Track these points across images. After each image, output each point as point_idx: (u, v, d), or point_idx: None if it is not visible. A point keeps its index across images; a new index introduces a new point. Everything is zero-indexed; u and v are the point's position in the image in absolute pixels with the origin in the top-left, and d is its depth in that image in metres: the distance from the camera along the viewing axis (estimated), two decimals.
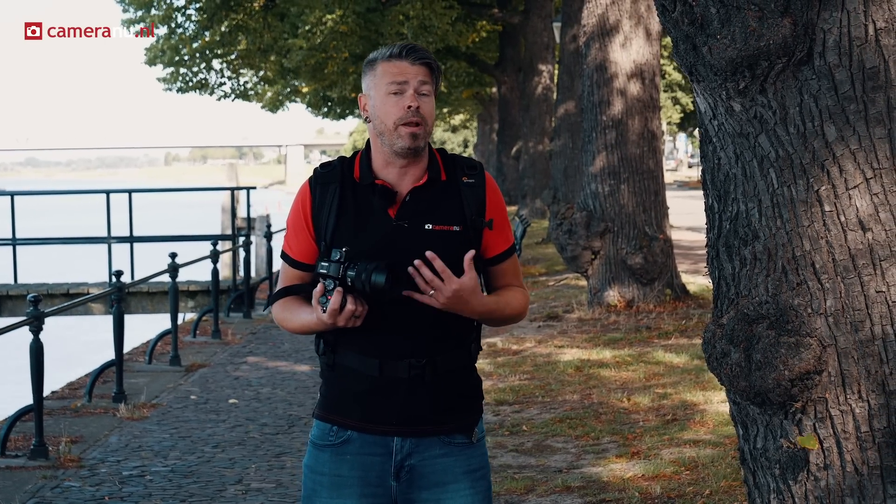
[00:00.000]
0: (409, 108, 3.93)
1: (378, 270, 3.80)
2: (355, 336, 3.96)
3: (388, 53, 4.00)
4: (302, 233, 4.07)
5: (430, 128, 3.98)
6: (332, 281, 3.85)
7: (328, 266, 3.86)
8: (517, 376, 12.04)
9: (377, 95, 3.99)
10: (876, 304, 3.73)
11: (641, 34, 15.82)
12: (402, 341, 3.96)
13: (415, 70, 3.97)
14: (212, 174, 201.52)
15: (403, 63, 3.97)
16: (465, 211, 4.02)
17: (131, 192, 21.08)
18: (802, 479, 3.89)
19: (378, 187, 3.99)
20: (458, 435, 4.07)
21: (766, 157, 3.85)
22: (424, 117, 3.96)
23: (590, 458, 8.82)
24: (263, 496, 8.34)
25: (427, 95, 3.98)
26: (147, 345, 15.50)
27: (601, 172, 15.89)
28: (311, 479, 4.12)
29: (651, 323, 14.73)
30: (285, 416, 10.95)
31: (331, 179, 4.05)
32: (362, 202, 4.01)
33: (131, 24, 33.33)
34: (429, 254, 3.81)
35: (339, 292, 3.82)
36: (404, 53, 3.98)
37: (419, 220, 3.98)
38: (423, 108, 3.96)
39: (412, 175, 4.02)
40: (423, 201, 4.00)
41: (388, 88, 3.96)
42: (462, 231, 4.00)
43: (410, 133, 3.94)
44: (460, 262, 3.90)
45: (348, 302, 3.84)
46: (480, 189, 4.05)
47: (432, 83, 4.01)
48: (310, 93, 40.74)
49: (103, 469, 9.10)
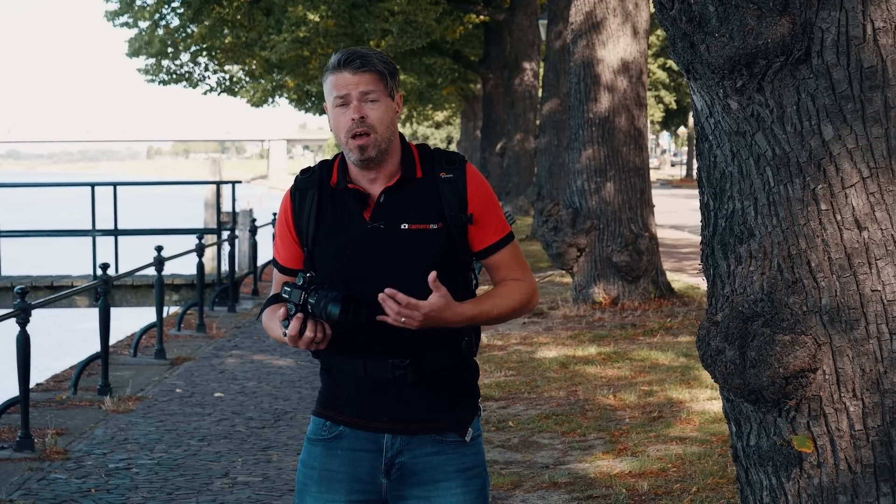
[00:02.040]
0: (352, 121, 3.89)
1: (334, 301, 3.78)
2: (340, 337, 3.94)
3: (331, 65, 3.95)
4: (287, 239, 4.09)
5: (382, 133, 3.91)
6: (294, 306, 3.84)
7: (290, 292, 3.86)
8: (502, 372, 12.05)
9: (329, 108, 3.98)
10: (871, 303, 3.75)
11: (629, 31, 15.84)
12: (385, 341, 3.93)
13: (356, 80, 3.90)
14: (194, 168, 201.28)
15: (344, 74, 3.91)
16: (444, 207, 3.96)
17: (116, 185, 21.05)
18: (796, 476, 3.90)
19: (350, 191, 3.98)
20: (450, 433, 4.04)
21: (762, 156, 3.86)
22: (373, 125, 3.90)
23: (576, 454, 8.84)
24: (250, 489, 8.34)
25: (376, 101, 3.91)
26: (132, 338, 15.48)
27: (587, 169, 15.91)
28: (303, 472, 4.10)
29: (636, 320, 14.76)
30: (271, 409, 10.95)
31: (309, 185, 4.05)
32: (339, 207, 4.00)
33: (116, 17, 33.27)
34: (388, 291, 3.75)
35: (297, 319, 3.81)
36: (343, 64, 3.91)
37: (395, 221, 3.94)
38: (371, 116, 3.90)
39: (383, 176, 3.99)
40: (397, 201, 3.97)
41: (334, 102, 3.94)
42: (442, 228, 3.95)
43: (358, 146, 3.89)
44: (444, 261, 3.91)
45: (308, 329, 3.82)
46: (460, 183, 3.99)
47: (381, 87, 3.93)
48: (293, 87, 40.70)
49: (89, 461, 9.09)
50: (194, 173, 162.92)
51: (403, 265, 3.91)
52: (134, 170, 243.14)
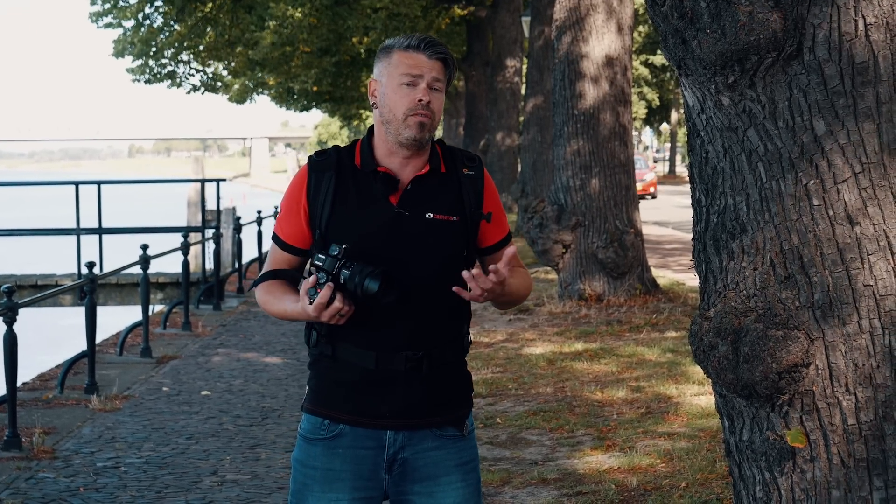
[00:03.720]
0: (419, 102, 3.93)
1: (373, 276, 3.79)
2: (350, 328, 3.94)
3: (406, 44, 3.97)
4: (296, 216, 4.05)
5: (436, 122, 3.97)
6: (326, 275, 3.82)
7: (324, 260, 3.84)
8: (489, 369, 12.06)
9: (389, 84, 3.97)
10: (863, 298, 3.76)
11: (613, 27, 15.85)
12: (399, 333, 3.96)
13: (430, 64, 3.95)
14: (176, 166, 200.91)
15: (420, 56, 3.95)
16: (465, 202, 4.04)
17: (100, 183, 21.00)
18: (789, 471, 3.91)
19: (381, 174, 3.98)
20: (449, 428, 4.07)
21: (754, 151, 3.87)
22: (434, 112, 3.95)
23: (565, 450, 8.84)
24: (239, 487, 8.33)
25: (439, 91, 3.98)
26: (117, 336, 15.45)
27: (572, 166, 15.91)
28: (301, 472, 4.08)
29: (622, 317, 14.78)
30: (258, 408, 10.94)
31: (326, 167, 4.03)
32: (363, 189, 4.00)
33: (99, 17, 33.18)
34: (465, 274, 3.83)
35: (329, 287, 3.80)
36: (423, 46, 3.96)
37: (420, 209, 3.98)
38: (434, 104, 3.95)
39: (414, 165, 4.02)
40: (424, 191, 4.01)
41: (401, 79, 3.95)
42: (459, 221, 4.02)
43: (418, 122, 3.93)
44: (458, 253, 3.99)
45: (336, 299, 3.81)
46: (480, 181, 4.08)
47: (445, 79, 4.00)
48: (275, 85, 40.64)
49: (77, 460, 9.07)
50: (176, 171, 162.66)
51: (424, 254, 3.96)
52: (116, 168, 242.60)
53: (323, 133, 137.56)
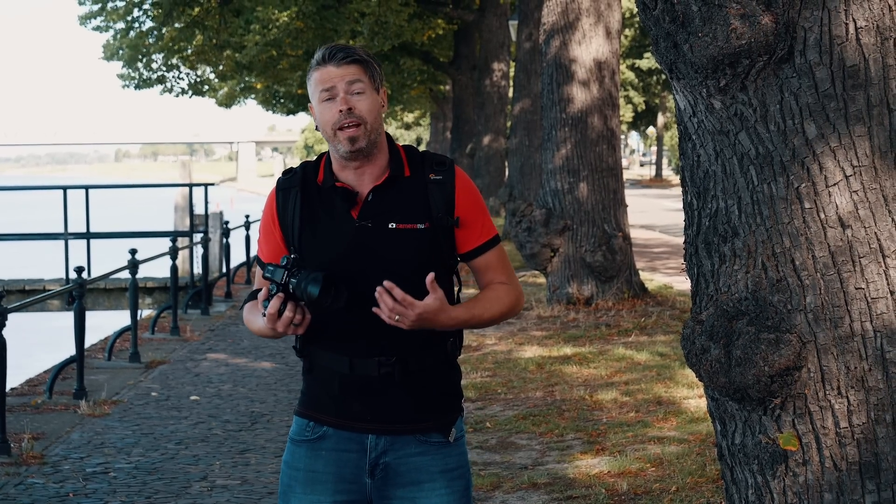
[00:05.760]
0: (340, 112, 3.90)
1: (313, 282, 3.78)
2: (327, 334, 3.95)
3: (316, 62, 3.97)
4: (272, 237, 4.07)
5: (372, 124, 3.93)
6: (276, 286, 3.84)
7: (273, 271, 3.86)
8: (479, 373, 12.06)
9: (315, 104, 3.98)
10: (855, 301, 3.76)
11: (601, 31, 15.87)
12: (372, 339, 3.93)
13: (341, 72, 3.93)
14: (163, 171, 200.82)
15: (329, 67, 3.94)
16: (432, 208, 3.97)
17: (88, 188, 20.95)
18: (781, 474, 3.91)
19: (339, 189, 3.98)
20: (434, 434, 4.04)
21: (746, 155, 3.87)
22: (362, 116, 3.91)
23: (555, 454, 8.84)
24: (229, 493, 8.31)
25: (362, 93, 3.93)
26: (105, 341, 15.42)
27: (560, 170, 15.93)
28: (287, 474, 4.09)
29: (610, 320, 14.78)
30: (248, 412, 10.92)
31: (291, 185, 4.05)
32: (326, 205, 4.00)
33: (88, 20, 33.16)
34: (386, 283, 3.76)
35: (278, 298, 3.80)
36: (328, 57, 3.95)
37: (383, 220, 3.95)
38: (359, 107, 3.92)
39: (371, 174, 3.99)
40: (385, 200, 3.97)
41: (321, 96, 3.94)
42: (429, 229, 3.96)
43: (348, 137, 3.89)
44: (429, 262, 3.92)
45: (287, 309, 3.81)
46: (449, 186, 4.00)
47: (367, 78, 3.96)
48: (262, 89, 40.62)
49: (66, 466, 9.05)
50: (163, 176, 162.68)
51: (390, 264, 3.91)
52: (103, 172, 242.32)
53: (310, 137, 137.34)
